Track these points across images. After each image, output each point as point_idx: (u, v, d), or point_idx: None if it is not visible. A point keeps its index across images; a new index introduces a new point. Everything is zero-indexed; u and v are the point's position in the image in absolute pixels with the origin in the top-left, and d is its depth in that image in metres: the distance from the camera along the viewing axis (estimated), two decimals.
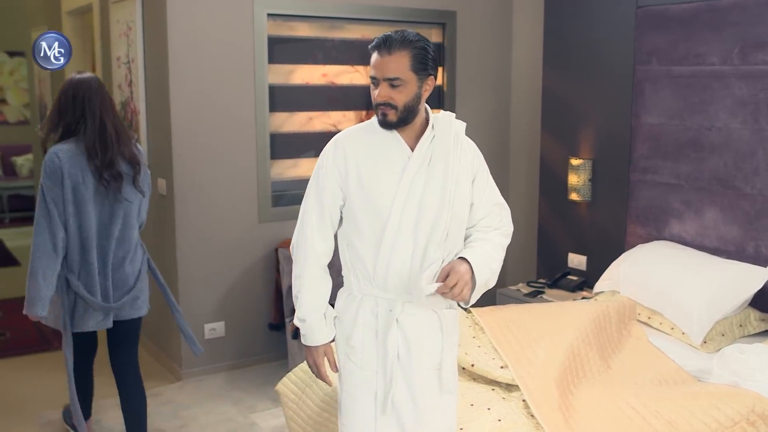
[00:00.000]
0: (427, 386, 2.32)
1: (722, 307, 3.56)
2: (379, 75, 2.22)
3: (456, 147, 2.32)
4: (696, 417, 2.62)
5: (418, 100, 2.25)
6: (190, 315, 4.48)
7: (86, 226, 3.16)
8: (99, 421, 3.97)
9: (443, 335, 2.34)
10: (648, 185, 4.31)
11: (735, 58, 3.85)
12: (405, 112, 2.23)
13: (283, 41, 4.64)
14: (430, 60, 2.26)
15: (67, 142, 3.18)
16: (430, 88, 2.29)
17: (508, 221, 2.47)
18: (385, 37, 2.24)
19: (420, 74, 2.23)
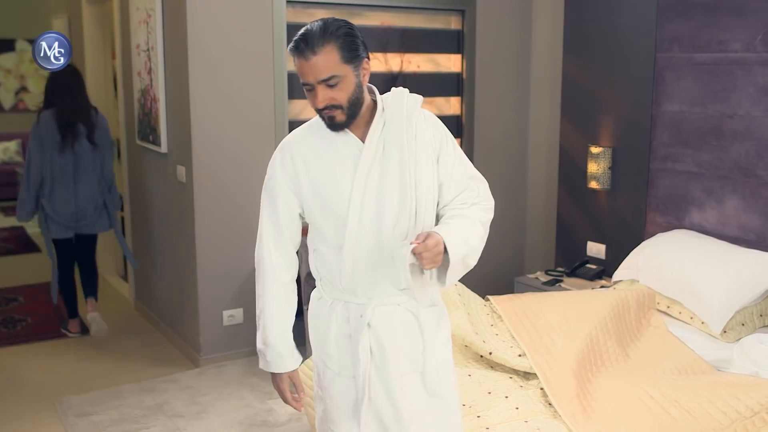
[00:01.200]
0: (409, 392, 2.16)
1: (742, 297, 3.53)
2: (311, 79, 2.02)
3: (410, 126, 2.12)
4: (715, 407, 2.60)
5: (360, 89, 2.07)
6: (209, 302, 4.51)
7: (53, 167, 4.75)
8: (118, 407, 4.01)
9: (423, 336, 2.16)
10: (668, 173, 4.28)
11: (758, 45, 3.80)
12: (352, 108, 2.06)
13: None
14: (360, 42, 2.06)
15: (46, 111, 4.79)
16: (367, 72, 2.09)
17: (486, 195, 2.25)
18: (302, 36, 2.04)
19: (353, 63, 2.03)
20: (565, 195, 4.94)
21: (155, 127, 4.78)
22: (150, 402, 4.07)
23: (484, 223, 2.19)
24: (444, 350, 2.23)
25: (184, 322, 4.75)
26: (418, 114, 2.16)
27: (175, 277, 4.82)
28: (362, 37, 2.10)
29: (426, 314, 2.18)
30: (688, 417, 2.60)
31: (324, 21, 2.07)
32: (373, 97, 2.15)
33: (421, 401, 2.17)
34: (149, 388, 4.24)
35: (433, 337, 2.19)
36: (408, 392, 2.16)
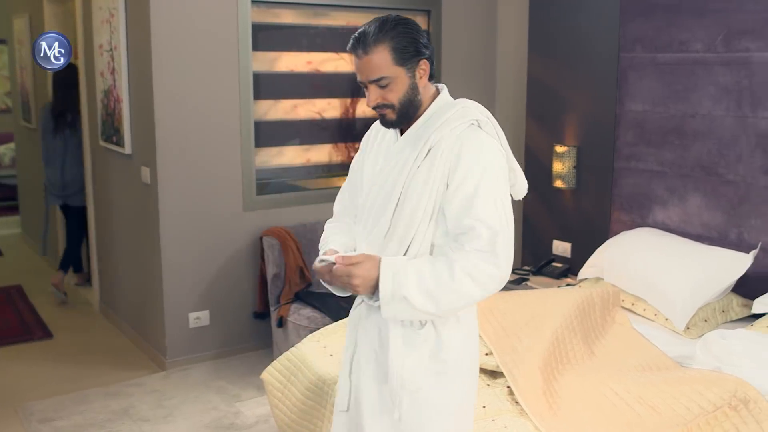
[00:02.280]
0: (367, 398, 2.11)
1: (705, 294, 3.58)
2: (363, 78, 2.03)
3: (427, 141, 2.01)
4: (679, 402, 2.64)
5: (415, 91, 2.03)
6: (175, 304, 4.47)
7: (48, 148, 5.75)
8: (83, 412, 3.96)
9: (389, 352, 2.04)
10: (632, 172, 4.32)
11: (719, 45, 3.86)
12: (404, 108, 2.04)
13: (267, 28, 4.61)
14: (415, 43, 2.01)
15: (48, 103, 5.84)
16: (425, 72, 2.05)
17: (493, 248, 1.92)
18: (358, 35, 2.03)
19: (408, 64, 2.00)
20: (531, 194, 4.94)
21: (119, 128, 4.72)
22: (115, 406, 4.02)
23: (470, 273, 1.92)
24: (417, 371, 2.04)
25: (149, 325, 4.70)
26: (459, 136, 2.01)
27: (140, 280, 4.77)
28: (425, 35, 2.05)
29: (396, 330, 2.05)
30: (652, 413, 2.63)
31: (382, 20, 2.05)
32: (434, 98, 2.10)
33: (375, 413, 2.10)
34: (114, 392, 4.19)
35: (403, 357, 2.04)
36: (366, 399, 2.12)
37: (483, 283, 1.93)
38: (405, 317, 2.00)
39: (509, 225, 1.98)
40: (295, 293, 4.39)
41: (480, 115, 2.06)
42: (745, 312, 3.68)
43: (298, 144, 4.83)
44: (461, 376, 2.10)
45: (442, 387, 2.06)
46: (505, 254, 1.95)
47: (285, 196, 4.77)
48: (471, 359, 2.14)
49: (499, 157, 2.03)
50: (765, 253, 3.72)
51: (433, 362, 2.05)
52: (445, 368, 2.06)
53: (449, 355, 2.06)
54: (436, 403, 2.06)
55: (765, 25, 3.66)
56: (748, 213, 3.79)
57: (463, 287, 1.92)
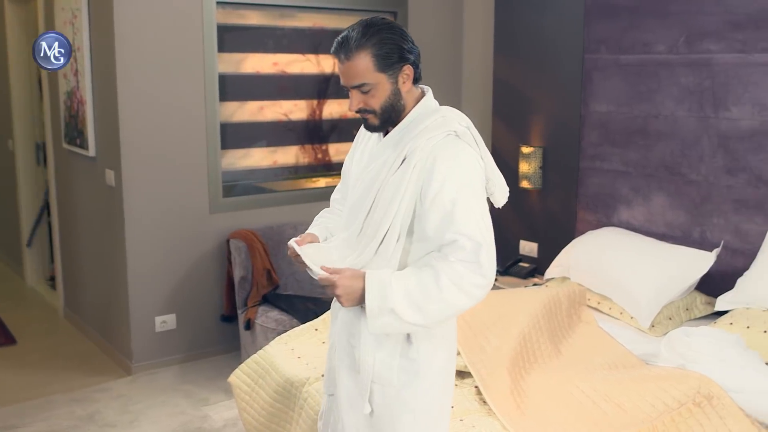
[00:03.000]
0: (344, 388, 2.15)
1: (669, 292, 3.62)
2: (345, 83, 2.03)
3: (403, 149, 2.02)
4: (644, 399, 2.67)
5: (397, 96, 2.03)
6: (141, 308, 4.42)
7: None
8: (47, 418, 3.90)
9: (361, 345, 2.08)
10: (597, 172, 4.37)
11: (681, 46, 3.91)
12: (386, 113, 2.04)
13: (232, 29, 4.58)
14: (399, 50, 2.00)
15: None
16: (408, 77, 2.04)
17: (476, 259, 1.92)
18: (341, 39, 2.01)
19: (390, 70, 2.00)
20: None
21: (82, 130, 4.67)
22: (81, 412, 3.97)
23: (456, 283, 1.91)
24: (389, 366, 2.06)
25: (115, 330, 4.65)
26: (425, 143, 2.01)
27: (106, 284, 4.72)
28: (409, 40, 2.05)
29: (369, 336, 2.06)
30: (618, 410, 2.65)
31: (365, 24, 2.02)
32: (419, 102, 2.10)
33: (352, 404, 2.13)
34: (80, 398, 4.14)
35: (373, 349, 2.07)
36: (344, 389, 2.15)
37: (469, 292, 1.93)
38: (392, 331, 1.98)
39: (490, 234, 1.98)
40: (263, 296, 4.36)
41: (458, 125, 2.05)
42: (708, 309, 3.73)
43: (264, 146, 4.81)
44: (433, 376, 2.09)
45: (413, 385, 2.06)
46: (489, 264, 1.95)
47: (252, 198, 4.75)
48: (444, 362, 2.13)
49: (475, 167, 2.03)
50: (727, 251, 3.78)
51: (403, 360, 2.06)
52: (416, 367, 2.06)
53: (419, 354, 2.06)
54: (407, 401, 2.06)
55: (726, 27, 3.72)
56: (711, 212, 3.85)
57: (450, 297, 1.92)
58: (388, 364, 2.05)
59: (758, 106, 3.63)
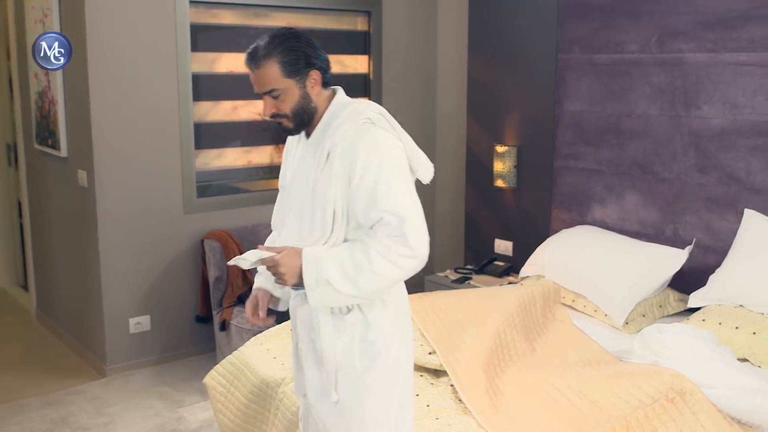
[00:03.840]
0: (311, 382, 2.22)
1: (643, 289, 3.65)
2: (257, 90, 2.16)
3: (324, 141, 2.14)
4: (618, 396, 2.69)
5: (307, 100, 2.16)
6: (115, 309, 4.39)
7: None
8: (20, 422, 3.86)
9: (321, 336, 2.16)
10: (571, 171, 4.39)
11: (653, 46, 3.94)
12: (298, 116, 2.16)
13: (206, 29, 4.56)
14: (304, 56, 2.13)
15: None
16: (316, 81, 2.16)
17: (402, 233, 2.02)
18: (251, 49, 2.16)
19: (297, 76, 2.13)
20: (473, 193, 5.02)
21: (54, 131, 4.62)
22: (54, 415, 3.93)
23: (384, 255, 2.02)
24: (350, 354, 2.14)
25: (88, 332, 4.61)
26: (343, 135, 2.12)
27: (79, 286, 4.67)
28: (315, 48, 2.18)
29: (326, 316, 2.15)
30: (592, 407, 2.67)
31: (272, 35, 2.16)
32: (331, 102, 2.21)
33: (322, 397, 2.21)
34: (53, 401, 4.09)
35: (333, 339, 2.15)
36: (311, 382, 2.23)
37: (398, 263, 2.03)
38: (331, 303, 2.09)
39: (415, 209, 2.08)
40: (238, 296, 4.34)
41: (372, 113, 2.17)
42: (681, 306, 3.77)
43: (239, 146, 4.79)
44: (393, 355, 2.18)
45: (375, 367, 2.15)
46: (415, 236, 2.04)
47: (226, 198, 4.73)
48: (401, 340, 2.22)
49: (395, 148, 2.15)
50: (699, 248, 3.82)
51: (363, 344, 2.15)
52: (376, 348, 2.15)
53: (377, 335, 2.15)
54: (371, 385, 2.15)
55: (696, 27, 3.76)
56: (683, 210, 3.89)
57: (380, 269, 2.03)
58: (349, 351, 2.14)
59: (729, 104, 3.67)
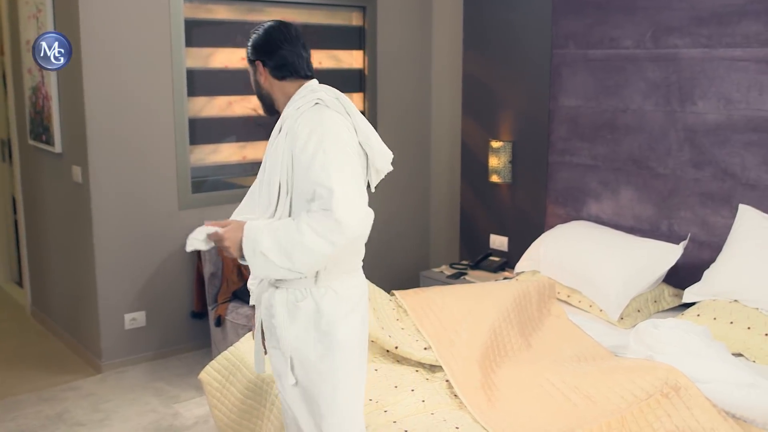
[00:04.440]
0: (273, 365, 2.36)
1: (638, 284, 3.66)
2: None
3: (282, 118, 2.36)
4: (613, 391, 2.69)
5: (258, 86, 2.42)
6: (110, 305, 4.38)
7: None
8: (15, 418, 3.85)
9: (277, 322, 2.29)
10: (566, 166, 4.40)
11: (648, 41, 3.95)
12: (260, 99, 2.46)
13: (200, 24, 4.55)
14: (251, 47, 2.39)
15: None
16: (262, 74, 2.39)
17: (329, 206, 2.09)
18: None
19: (252, 65, 2.41)
20: (468, 189, 5.02)
21: (48, 126, 4.60)
22: (49, 411, 3.93)
23: (313, 228, 2.10)
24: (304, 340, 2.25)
25: (84, 328, 4.60)
26: (294, 112, 2.30)
27: (74, 282, 4.66)
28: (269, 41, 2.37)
29: (279, 295, 2.29)
30: (588, 402, 2.68)
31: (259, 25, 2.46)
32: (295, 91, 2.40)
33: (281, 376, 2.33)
34: (48, 397, 4.09)
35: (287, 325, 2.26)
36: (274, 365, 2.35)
37: (327, 237, 2.09)
38: (272, 274, 2.19)
39: (349, 185, 2.14)
40: (233, 292, 4.34)
41: (325, 95, 2.31)
42: (676, 302, 3.78)
43: (234, 141, 4.78)
44: (345, 348, 2.26)
45: (327, 358, 2.24)
46: (344, 210, 2.09)
47: (221, 193, 4.72)
48: (355, 331, 2.29)
49: (338, 126, 2.25)
50: (694, 244, 3.83)
51: (316, 333, 2.25)
52: (328, 339, 2.24)
53: (329, 326, 2.24)
54: (323, 373, 2.25)
55: (691, 23, 3.76)
56: (678, 205, 3.89)
57: (310, 242, 2.10)
58: (303, 339, 2.24)
59: (723, 100, 3.68)
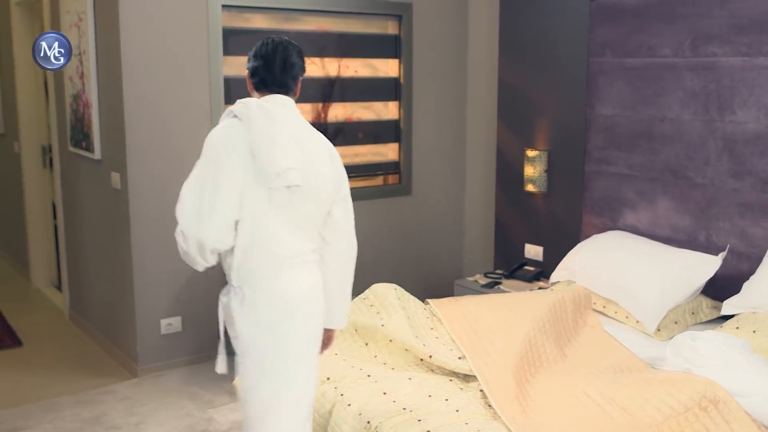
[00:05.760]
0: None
1: (675, 296, 3.62)
2: None
3: None
4: (650, 403, 2.66)
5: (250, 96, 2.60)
6: (147, 310, 4.43)
7: None
8: (53, 420, 3.91)
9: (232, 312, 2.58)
10: (602, 176, 4.36)
11: (686, 50, 3.91)
12: None
13: (238, 33, 4.59)
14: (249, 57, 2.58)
15: None
16: (249, 83, 2.60)
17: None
18: None
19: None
20: (503, 198, 5.00)
21: (88, 133, 4.68)
22: (86, 414, 3.98)
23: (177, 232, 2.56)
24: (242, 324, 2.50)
25: (121, 332, 4.66)
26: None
27: (111, 286, 4.73)
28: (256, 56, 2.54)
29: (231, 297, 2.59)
30: (624, 414, 2.65)
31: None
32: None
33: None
34: (85, 400, 4.14)
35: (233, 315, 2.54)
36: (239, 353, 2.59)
37: (177, 238, 2.53)
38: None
39: (192, 191, 2.48)
40: None
41: (238, 106, 2.46)
42: (714, 314, 3.72)
43: None
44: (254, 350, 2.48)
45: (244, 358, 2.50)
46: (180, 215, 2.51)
47: None
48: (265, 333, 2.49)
49: (220, 134, 2.46)
50: (733, 255, 3.78)
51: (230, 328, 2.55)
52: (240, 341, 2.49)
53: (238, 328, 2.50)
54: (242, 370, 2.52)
55: (730, 31, 3.72)
56: (716, 216, 3.84)
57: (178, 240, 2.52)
58: (242, 323, 2.50)
59: (764, 109, 3.63)
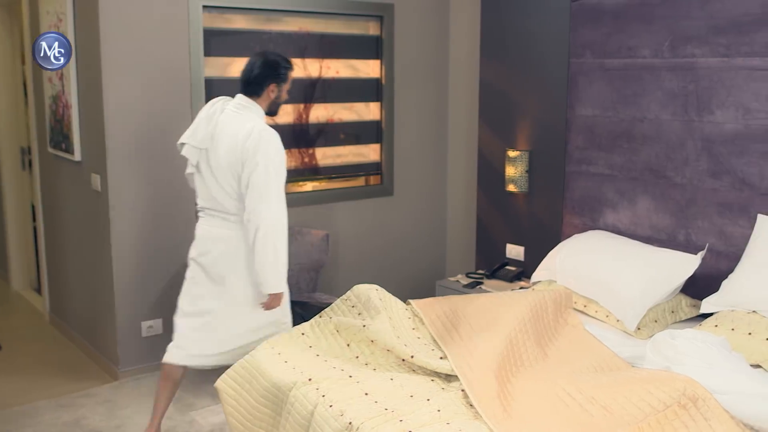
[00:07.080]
0: None
1: (655, 294, 3.64)
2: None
3: None
4: (630, 402, 2.68)
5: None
6: (127, 313, 4.41)
7: None
8: (33, 425, 3.88)
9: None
10: (583, 176, 4.39)
11: (665, 51, 3.93)
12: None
13: (219, 34, 4.58)
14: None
15: None
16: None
17: None
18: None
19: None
20: (484, 198, 5.02)
21: (68, 135, 4.65)
22: (67, 418, 3.95)
23: None
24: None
25: (101, 335, 4.63)
26: None
27: (91, 289, 4.70)
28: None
29: None
30: (604, 413, 2.66)
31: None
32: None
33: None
34: (65, 404, 4.12)
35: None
36: None
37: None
38: None
39: None
40: None
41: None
42: (693, 312, 3.75)
43: None
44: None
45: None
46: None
47: None
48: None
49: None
50: (712, 254, 3.81)
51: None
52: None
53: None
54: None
55: (709, 32, 3.75)
56: (695, 215, 3.87)
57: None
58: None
59: (741, 109, 3.66)
